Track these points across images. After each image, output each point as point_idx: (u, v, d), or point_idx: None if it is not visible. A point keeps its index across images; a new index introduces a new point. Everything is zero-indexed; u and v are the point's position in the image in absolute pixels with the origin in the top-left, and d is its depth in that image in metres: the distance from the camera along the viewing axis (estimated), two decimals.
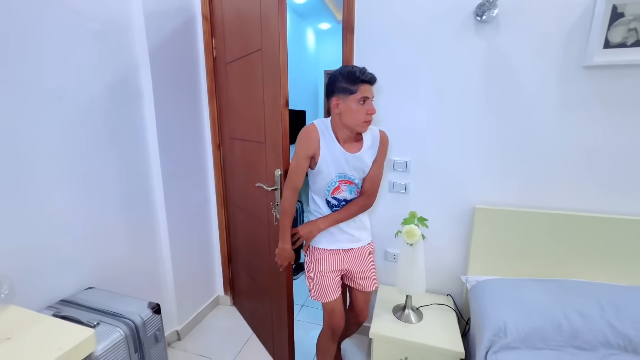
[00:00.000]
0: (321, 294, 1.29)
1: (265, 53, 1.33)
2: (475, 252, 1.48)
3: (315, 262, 1.30)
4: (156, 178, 1.61)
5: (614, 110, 1.25)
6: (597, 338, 1.10)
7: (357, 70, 1.07)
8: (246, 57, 1.49)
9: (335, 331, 1.32)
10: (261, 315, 1.76)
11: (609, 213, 1.32)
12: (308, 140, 1.15)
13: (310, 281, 1.33)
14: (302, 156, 1.17)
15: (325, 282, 1.28)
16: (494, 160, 1.43)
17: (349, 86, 1.07)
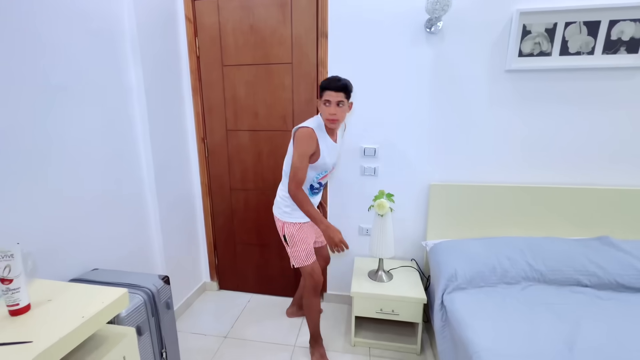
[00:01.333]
0: (307, 258, 1.53)
1: (296, 67, 1.84)
2: (432, 221, 1.81)
3: (299, 232, 1.53)
4: (146, 169, 1.71)
5: (527, 104, 1.64)
6: (520, 274, 1.46)
7: (324, 82, 1.39)
8: (266, 66, 1.87)
9: (317, 286, 1.55)
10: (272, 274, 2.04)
11: (527, 183, 1.72)
12: (310, 140, 1.39)
13: (295, 250, 1.54)
14: (305, 155, 1.39)
15: (309, 248, 1.53)
16: (444, 145, 1.76)
17: (321, 91, 1.40)
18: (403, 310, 1.59)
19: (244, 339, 1.78)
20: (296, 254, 1.54)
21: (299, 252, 1.53)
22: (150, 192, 1.74)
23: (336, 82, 1.37)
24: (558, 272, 1.45)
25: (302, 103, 1.88)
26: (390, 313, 1.60)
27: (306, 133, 1.39)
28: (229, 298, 2.17)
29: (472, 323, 1.22)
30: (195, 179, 2.09)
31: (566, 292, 1.40)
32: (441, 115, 1.73)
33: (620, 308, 1.28)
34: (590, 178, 1.68)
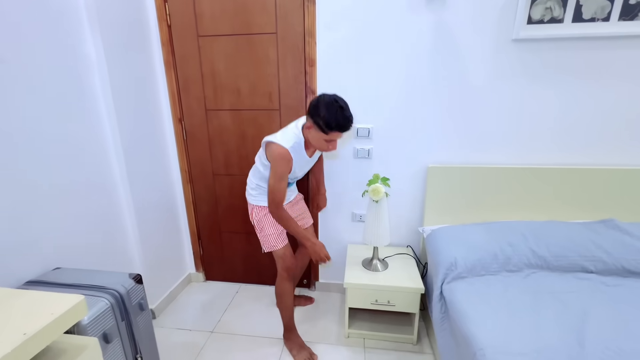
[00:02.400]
0: (276, 242, 1.44)
1: (281, 37, 1.62)
2: (429, 206, 1.70)
3: (267, 216, 1.44)
4: (115, 154, 1.53)
5: (533, 78, 1.50)
6: (522, 261, 1.38)
7: (333, 122, 1.18)
8: (247, 37, 1.66)
9: (289, 270, 1.46)
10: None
11: (530, 164, 1.61)
12: (287, 163, 1.30)
13: (263, 234, 1.46)
14: (283, 177, 1.31)
15: (278, 232, 1.44)
16: (443, 124, 1.63)
17: (324, 127, 1.19)
18: (399, 301, 1.51)
19: (232, 332, 1.69)
20: (264, 238, 1.46)
21: (267, 236, 1.45)
22: (121, 179, 1.57)
23: (348, 124, 1.21)
24: (562, 258, 1.37)
25: (289, 78, 1.69)
26: (386, 304, 1.51)
27: (282, 156, 1.28)
28: (216, 289, 2.06)
29: (474, 316, 1.14)
30: (174, 165, 1.92)
31: (570, 278, 1.33)
32: (441, 91, 1.58)
33: (628, 295, 1.22)
34: (596, 158, 1.58)
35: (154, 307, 1.78)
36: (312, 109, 1.21)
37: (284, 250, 1.46)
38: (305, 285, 2.05)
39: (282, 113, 1.75)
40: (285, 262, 1.46)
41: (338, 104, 1.19)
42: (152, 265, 1.77)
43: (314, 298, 1.93)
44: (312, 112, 1.21)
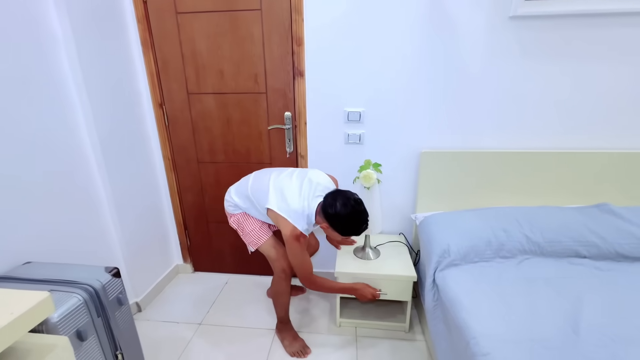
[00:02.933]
0: (258, 237, 1.39)
1: (266, 14, 1.51)
2: (422, 192, 1.66)
3: (246, 218, 1.42)
4: (90, 141, 1.43)
5: (530, 58, 1.44)
6: (516, 247, 1.35)
7: (353, 230, 1.21)
8: (229, 13, 1.54)
9: (286, 272, 1.40)
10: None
11: (524, 148, 1.57)
12: (304, 242, 1.26)
13: (245, 234, 1.41)
14: (302, 254, 1.27)
15: (257, 226, 1.41)
16: (437, 107, 1.56)
17: (340, 231, 1.22)
18: (391, 289, 1.47)
19: (221, 324, 1.64)
20: (247, 237, 1.41)
21: (248, 234, 1.40)
22: (98, 169, 1.47)
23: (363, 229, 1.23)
24: (556, 244, 1.34)
25: (276, 59, 1.60)
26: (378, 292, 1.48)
27: (297, 238, 1.23)
28: (205, 280, 2.01)
29: (467, 304, 1.11)
30: (156, 152, 1.82)
31: (564, 264, 1.31)
32: (435, 72, 1.51)
33: (621, 279, 1.20)
34: (591, 141, 1.54)
35: (139, 300, 1.72)
36: (330, 216, 1.20)
37: (273, 246, 1.40)
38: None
39: (268, 96, 1.66)
40: (281, 264, 1.39)
41: (358, 209, 1.20)
42: (135, 258, 1.70)
43: (305, 288, 1.90)
44: (330, 218, 1.20)
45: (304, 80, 1.59)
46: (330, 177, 1.38)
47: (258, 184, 1.36)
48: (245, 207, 1.41)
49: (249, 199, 1.37)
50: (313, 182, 1.31)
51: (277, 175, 1.35)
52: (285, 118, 1.68)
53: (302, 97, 1.62)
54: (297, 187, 1.29)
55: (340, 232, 1.22)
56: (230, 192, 1.46)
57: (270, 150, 1.76)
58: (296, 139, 1.71)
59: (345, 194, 1.22)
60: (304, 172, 1.37)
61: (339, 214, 1.18)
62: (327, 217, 1.21)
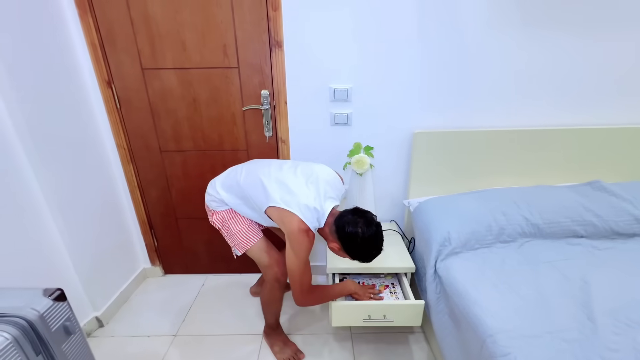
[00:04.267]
0: (246, 238, 1.21)
1: None
2: (415, 176, 1.54)
3: (233, 216, 1.23)
4: (16, 133, 1.13)
5: (530, 28, 1.33)
6: (516, 231, 1.29)
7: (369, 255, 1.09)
8: None
9: (281, 281, 1.24)
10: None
11: (517, 127, 1.49)
12: (309, 240, 1.07)
13: (231, 234, 1.22)
14: (307, 256, 1.09)
15: (245, 226, 1.23)
16: (430, 82, 1.43)
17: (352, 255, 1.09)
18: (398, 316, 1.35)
19: (200, 334, 1.46)
20: (233, 238, 1.22)
21: (235, 234, 1.21)
22: (33, 168, 1.19)
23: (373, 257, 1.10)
24: (555, 225, 1.30)
25: (248, 25, 1.36)
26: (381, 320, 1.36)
27: (307, 234, 1.05)
28: (178, 283, 1.79)
29: (477, 297, 1.02)
30: (108, 140, 1.53)
31: (563, 245, 1.27)
32: (429, 46, 1.36)
33: (620, 257, 1.18)
34: (580, 118, 1.50)
35: (100, 314, 1.48)
36: (346, 236, 1.05)
37: (264, 250, 1.23)
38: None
39: (241, 72, 1.43)
40: (274, 272, 1.22)
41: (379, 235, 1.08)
42: (92, 266, 1.44)
43: None
44: (346, 239, 1.06)
45: (282, 53, 1.37)
46: (337, 174, 1.21)
47: (253, 178, 1.15)
48: (234, 204, 1.20)
49: (241, 195, 1.17)
50: (321, 179, 1.13)
51: (277, 169, 1.16)
52: (262, 97, 1.46)
53: (281, 72, 1.41)
54: (304, 184, 1.11)
55: (352, 255, 1.09)
56: (215, 185, 1.23)
57: (246, 135, 1.54)
58: (276, 121, 1.50)
59: (367, 215, 1.09)
60: (309, 166, 1.18)
61: (358, 236, 1.04)
62: (342, 235, 1.06)
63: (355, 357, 1.34)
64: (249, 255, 1.24)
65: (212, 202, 1.24)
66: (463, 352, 1.04)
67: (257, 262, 1.25)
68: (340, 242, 1.07)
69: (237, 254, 1.24)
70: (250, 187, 1.14)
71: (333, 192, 1.13)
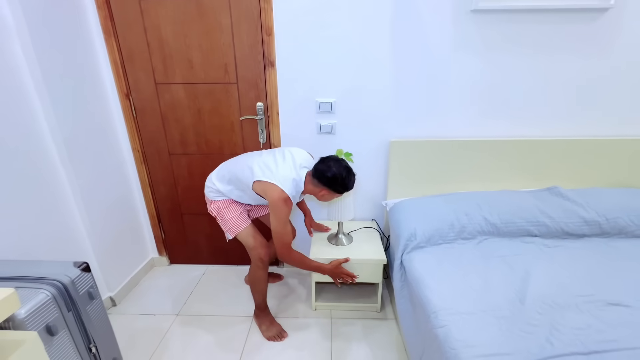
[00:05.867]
0: (236, 224, 1.42)
1: (234, 2, 1.50)
2: (392, 180, 1.73)
3: (227, 206, 1.44)
4: (52, 135, 1.37)
5: (490, 50, 1.52)
6: (476, 229, 1.46)
7: (351, 183, 1.33)
8: (196, 0, 1.51)
9: (263, 261, 1.44)
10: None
11: (487, 137, 1.66)
12: (290, 207, 1.30)
13: (224, 221, 1.44)
14: (287, 219, 1.32)
15: (237, 213, 1.44)
16: (404, 97, 1.62)
17: (340, 190, 1.32)
18: (363, 272, 1.55)
19: (199, 314, 1.67)
20: (225, 224, 1.44)
21: (227, 221, 1.43)
22: (62, 164, 1.42)
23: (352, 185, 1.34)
24: (511, 224, 1.46)
25: (245, 48, 1.58)
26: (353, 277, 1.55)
27: (285, 201, 1.28)
28: (182, 272, 2.01)
29: (429, 282, 1.20)
30: (124, 144, 1.78)
31: (518, 242, 1.43)
32: (404, 64, 1.56)
33: (564, 254, 1.33)
34: (544, 130, 1.66)
35: (113, 295, 1.71)
36: (326, 180, 1.28)
37: (251, 234, 1.43)
38: (274, 263, 2.05)
39: (239, 87, 1.65)
40: (259, 252, 1.43)
41: (347, 168, 1.31)
42: (107, 253, 1.67)
43: (282, 275, 1.95)
44: (329, 182, 1.28)
45: (275, 71, 1.59)
46: (308, 153, 1.45)
47: (240, 165, 1.39)
48: (228, 191, 1.42)
49: (232, 181, 1.39)
50: (295, 156, 1.37)
51: (259, 155, 1.40)
52: (258, 108, 1.68)
53: (273, 87, 1.62)
54: (281, 159, 1.35)
55: (340, 190, 1.31)
56: (212, 178, 1.46)
57: (243, 141, 1.76)
58: (269, 129, 1.72)
59: (331, 157, 1.33)
60: (284, 149, 1.42)
61: (336, 174, 1.27)
62: (326, 181, 1.28)
63: (333, 335, 1.52)
64: (239, 239, 1.44)
65: (210, 193, 1.46)
66: (416, 329, 1.21)
67: (245, 244, 1.45)
68: (327, 186, 1.29)
69: (229, 237, 1.45)
70: (239, 172, 1.37)
71: (306, 163, 1.37)
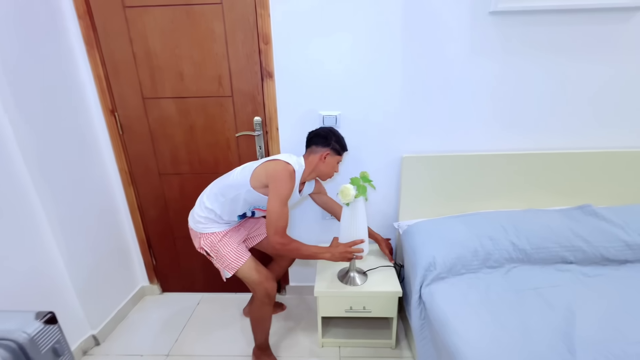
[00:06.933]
0: (236, 258, 1.26)
1: (228, 8, 1.36)
2: (404, 199, 1.56)
3: (221, 241, 1.28)
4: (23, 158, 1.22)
5: (511, 55, 1.37)
6: (503, 256, 1.29)
7: (344, 142, 1.33)
8: (186, 7, 1.38)
9: (270, 296, 1.28)
10: None
11: (505, 150, 1.51)
12: (292, 183, 1.19)
13: (220, 257, 1.27)
14: (286, 199, 1.18)
15: (234, 246, 1.28)
16: (418, 108, 1.47)
17: (339, 149, 1.31)
18: (376, 306, 1.38)
19: (190, 354, 1.48)
20: (222, 260, 1.26)
21: (224, 256, 1.25)
22: (36, 189, 1.26)
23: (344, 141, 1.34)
24: (543, 250, 1.29)
25: (241, 58, 1.44)
26: (361, 311, 1.38)
27: (290, 173, 1.18)
28: (174, 302, 1.83)
29: (456, 326, 1.02)
30: (110, 164, 1.62)
31: (551, 271, 1.26)
32: (414, 72, 1.41)
33: (609, 286, 1.16)
34: (572, 142, 1.50)
35: (97, 332, 1.53)
36: (323, 139, 1.28)
37: (253, 267, 1.26)
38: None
39: (235, 100, 1.51)
40: (264, 287, 1.26)
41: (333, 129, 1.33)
42: (90, 284, 1.50)
43: (285, 305, 1.77)
44: (326, 142, 1.28)
45: (273, 82, 1.45)
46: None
47: (230, 173, 1.30)
48: (220, 208, 1.25)
49: (224, 193, 1.25)
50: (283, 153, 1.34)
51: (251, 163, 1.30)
52: (255, 123, 1.53)
53: (272, 100, 1.48)
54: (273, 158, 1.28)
55: (338, 148, 1.29)
56: (203, 200, 1.29)
57: (239, 159, 1.60)
58: (268, 146, 1.57)
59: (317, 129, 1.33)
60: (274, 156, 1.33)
61: (327, 132, 1.29)
62: (323, 137, 1.27)
63: None
64: (239, 276, 1.27)
65: (197, 224, 1.29)
66: None
67: (247, 280, 1.28)
68: (325, 144, 1.27)
69: (226, 276, 1.28)
70: (231, 179, 1.26)
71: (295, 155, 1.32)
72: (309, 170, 1.29)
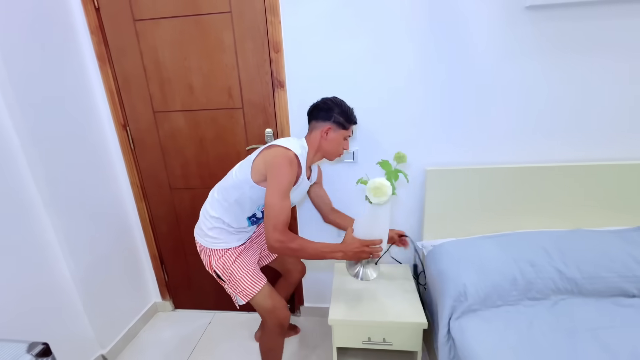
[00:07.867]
0: (252, 284, 1.14)
1: (237, 17, 1.30)
2: (429, 215, 1.42)
3: (234, 263, 1.16)
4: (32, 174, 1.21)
5: (552, 54, 1.20)
6: (548, 286, 1.10)
7: (351, 111, 1.15)
8: (195, 18, 1.33)
9: (283, 326, 1.18)
10: None
11: (546, 162, 1.32)
12: (294, 172, 1.04)
13: (233, 282, 1.15)
14: (288, 189, 1.03)
15: (250, 269, 1.17)
16: (442, 117, 1.33)
17: (344, 122, 1.13)
18: (397, 338, 1.23)
19: None
20: (236, 285, 1.14)
21: (238, 281, 1.14)
22: (45, 206, 1.25)
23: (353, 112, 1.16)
24: (598, 280, 1.10)
25: (251, 69, 1.37)
26: (380, 342, 1.23)
27: (288, 159, 1.03)
28: (186, 320, 1.77)
29: None
30: (122, 179, 1.60)
31: (610, 306, 1.06)
32: (439, 77, 1.28)
33: None
34: (626, 151, 1.30)
35: (106, 352, 1.49)
36: (324, 112, 1.13)
37: (268, 294, 1.16)
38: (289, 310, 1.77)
39: (245, 112, 1.44)
40: (278, 316, 1.16)
41: (337, 99, 1.15)
42: (99, 303, 1.47)
43: (299, 328, 1.66)
44: (327, 114, 1.12)
45: (285, 92, 1.37)
46: None
47: (225, 179, 1.19)
48: (227, 214, 1.15)
49: (227, 196, 1.14)
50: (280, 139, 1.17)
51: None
52: (266, 135, 1.45)
53: (284, 111, 1.39)
54: None
55: (345, 120, 1.12)
56: (206, 209, 1.20)
57: None
58: None
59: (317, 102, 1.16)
60: None
61: (329, 103, 1.12)
62: (327, 116, 1.12)
63: None
64: (252, 303, 1.17)
65: (205, 238, 1.19)
66: None
67: (259, 308, 1.18)
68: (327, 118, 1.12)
69: (240, 303, 1.17)
70: (229, 179, 1.15)
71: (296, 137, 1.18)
72: (314, 151, 1.14)
